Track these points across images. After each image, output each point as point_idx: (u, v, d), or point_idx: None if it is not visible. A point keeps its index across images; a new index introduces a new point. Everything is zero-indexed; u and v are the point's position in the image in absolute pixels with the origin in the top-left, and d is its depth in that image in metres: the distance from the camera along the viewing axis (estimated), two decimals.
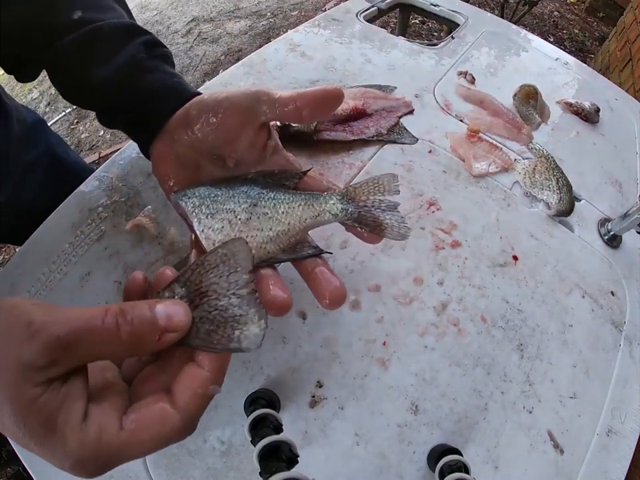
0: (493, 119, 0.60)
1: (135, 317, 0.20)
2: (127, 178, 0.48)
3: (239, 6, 2.68)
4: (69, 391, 0.20)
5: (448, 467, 0.32)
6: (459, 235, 0.47)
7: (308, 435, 0.36)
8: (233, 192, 0.29)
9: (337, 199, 0.30)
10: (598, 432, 0.39)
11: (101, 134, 1.96)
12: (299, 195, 0.30)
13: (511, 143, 0.58)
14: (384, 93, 0.59)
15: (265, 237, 0.28)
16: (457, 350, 0.41)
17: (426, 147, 0.55)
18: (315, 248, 0.29)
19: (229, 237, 0.28)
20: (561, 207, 0.51)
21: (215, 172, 0.32)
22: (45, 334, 0.18)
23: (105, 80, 0.33)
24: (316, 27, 0.70)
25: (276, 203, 0.29)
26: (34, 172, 0.55)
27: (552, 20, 2.72)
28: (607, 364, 0.43)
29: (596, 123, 0.64)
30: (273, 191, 0.30)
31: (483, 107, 0.61)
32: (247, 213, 0.28)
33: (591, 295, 0.47)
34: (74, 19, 0.34)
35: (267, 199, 0.29)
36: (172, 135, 0.32)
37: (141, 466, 0.34)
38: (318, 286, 0.28)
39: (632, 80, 1.61)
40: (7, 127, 0.49)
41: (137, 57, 0.34)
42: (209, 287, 0.23)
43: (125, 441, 0.20)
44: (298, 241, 0.29)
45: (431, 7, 0.80)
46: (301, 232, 0.29)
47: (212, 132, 0.30)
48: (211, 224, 0.28)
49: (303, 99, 0.29)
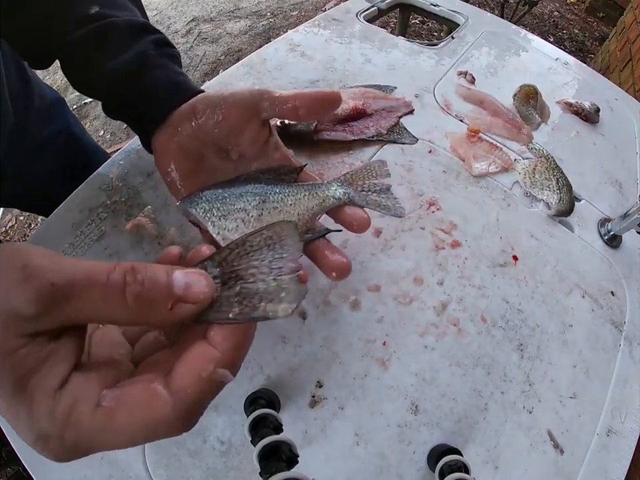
0: (493, 118, 0.60)
1: (146, 278, 0.18)
2: (127, 178, 0.48)
3: (239, 6, 2.68)
4: (55, 350, 0.17)
5: (448, 467, 0.32)
6: (459, 235, 0.47)
7: (308, 435, 0.36)
8: (240, 192, 0.30)
9: (337, 185, 0.33)
10: (598, 432, 0.39)
11: (101, 134, 1.96)
12: (302, 186, 0.32)
13: (511, 143, 0.58)
14: (384, 93, 0.59)
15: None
16: (457, 350, 0.41)
17: (426, 147, 0.55)
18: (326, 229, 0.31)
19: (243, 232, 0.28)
20: (561, 207, 0.51)
21: (218, 163, 0.34)
22: (39, 279, 0.16)
23: (114, 72, 0.35)
24: (316, 27, 0.70)
25: (283, 196, 0.31)
26: (50, 147, 0.56)
27: (552, 20, 2.72)
28: (607, 364, 0.43)
29: (596, 123, 0.64)
30: (278, 186, 0.31)
31: (483, 107, 0.61)
32: (258, 209, 0.30)
33: (591, 295, 0.47)
34: (90, 14, 0.36)
35: (274, 193, 0.31)
36: (176, 127, 0.33)
37: (140, 465, 0.34)
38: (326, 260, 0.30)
39: (632, 80, 1.61)
40: (28, 100, 0.50)
41: (146, 52, 0.35)
42: (246, 271, 0.21)
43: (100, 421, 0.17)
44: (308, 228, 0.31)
45: (431, 7, 0.80)
46: (310, 220, 0.31)
47: (217, 125, 0.32)
48: (225, 225, 0.29)
49: (302, 99, 0.31)
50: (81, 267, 0.17)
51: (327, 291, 0.42)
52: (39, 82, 0.55)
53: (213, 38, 2.42)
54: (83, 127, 0.67)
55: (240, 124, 0.32)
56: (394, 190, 0.36)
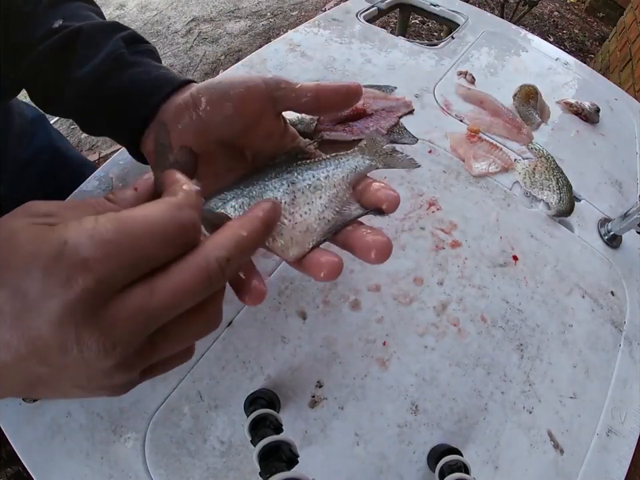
0: (493, 119, 0.60)
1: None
2: (127, 178, 0.48)
3: (239, 6, 2.68)
4: None
5: (448, 467, 0.32)
6: (459, 235, 0.47)
7: (308, 435, 0.36)
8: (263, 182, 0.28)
9: (359, 154, 0.31)
10: (598, 432, 0.40)
11: None
12: (326, 160, 0.29)
13: (511, 143, 0.58)
14: (384, 93, 0.59)
15: (319, 205, 0.27)
16: (457, 350, 0.41)
17: (426, 147, 0.55)
18: (363, 208, 0.28)
19: (282, 222, 0.26)
20: (561, 207, 0.51)
21: (230, 164, 0.30)
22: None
23: (84, 80, 0.31)
24: (316, 27, 0.70)
25: (313, 173, 0.28)
26: (34, 164, 0.56)
27: (552, 20, 2.72)
28: (607, 364, 0.43)
29: (596, 123, 0.64)
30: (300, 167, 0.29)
31: (482, 107, 0.61)
32: (290, 194, 0.27)
33: (591, 295, 0.47)
34: (54, 27, 0.33)
35: (301, 172, 0.28)
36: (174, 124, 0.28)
37: (140, 466, 0.34)
38: (364, 241, 0.26)
39: (632, 80, 1.61)
40: (7, 119, 0.49)
41: (117, 52, 0.32)
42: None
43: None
44: (345, 202, 0.28)
45: (431, 7, 0.80)
46: (348, 190, 0.29)
47: (227, 120, 0.27)
48: None
49: (324, 92, 0.28)
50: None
51: (327, 291, 0.42)
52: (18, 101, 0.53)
53: (213, 38, 2.42)
54: (68, 142, 0.66)
55: (253, 119, 0.27)
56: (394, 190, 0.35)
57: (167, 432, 0.35)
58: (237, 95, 0.27)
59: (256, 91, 0.27)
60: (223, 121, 0.27)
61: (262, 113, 0.28)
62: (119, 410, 0.36)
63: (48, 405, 0.37)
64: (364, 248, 0.25)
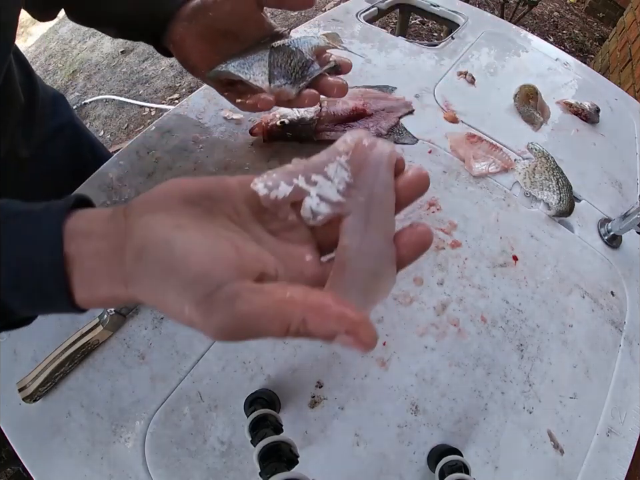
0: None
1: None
2: (127, 178, 0.48)
3: None
4: None
5: (448, 467, 0.32)
6: (459, 235, 0.47)
7: (308, 435, 0.36)
8: (253, 50, 0.39)
9: (322, 38, 0.44)
10: (598, 432, 0.39)
11: (101, 134, 1.96)
12: (296, 39, 0.41)
13: (511, 143, 0.58)
14: (384, 93, 0.59)
15: (294, 62, 0.39)
16: (457, 350, 0.41)
17: (426, 147, 0.55)
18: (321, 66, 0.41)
19: (269, 74, 0.38)
20: (561, 207, 0.51)
21: (229, 45, 0.40)
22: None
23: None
24: (316, 27, 0.70)
25: (289, 41, 0.40)
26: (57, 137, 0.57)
27: (552, 20, 2.72)
28: (607, 364, 0.43)
29: (596, 123, 0.64)
30: (279, 41, 0.40)
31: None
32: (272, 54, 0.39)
33: (591, 295, 0.47)
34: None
35: (281, 44, 0.40)
36: (190, 20, 0.40)
37: (140, 466, 0.34)
38: (328, 84, 0.40)
39: (632, 80, 1.61)
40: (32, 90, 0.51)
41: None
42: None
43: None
44: (310, 61, 0.40)
45: (431, 8, 0.80)
46: (312, 55, 0.40)
47: (227, 14, 0.39)
48: (253, 72, 0.38)
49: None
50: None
51: None
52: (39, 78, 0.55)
53: None
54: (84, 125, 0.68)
55: (246, 13, 0.39)
56: None
57: (167, 432, 0.36)
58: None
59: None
60: (223, 16, 0.39)
61: (250, 11, 0.40)
62: (119, 410, 0.36)
63: (48, 404, 0.37)
64: (327, 86, 0.40)
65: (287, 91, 0.38)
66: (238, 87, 0.41)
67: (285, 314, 0.18)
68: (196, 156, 0.51)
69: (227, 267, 0.19)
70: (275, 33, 0.42)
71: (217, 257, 0.19)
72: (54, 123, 0.56)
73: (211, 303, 0.18)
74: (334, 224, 0.23)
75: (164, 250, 0.19)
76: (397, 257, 0.24)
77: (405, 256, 0.24)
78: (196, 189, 0.21)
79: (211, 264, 0.19)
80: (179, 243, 0.19)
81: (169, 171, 0.49)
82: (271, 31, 0.42)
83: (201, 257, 0.19)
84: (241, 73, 0.38)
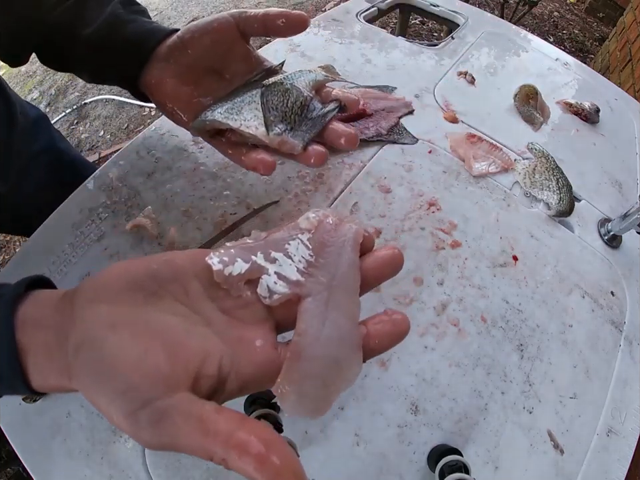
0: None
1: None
2: (127, 178, 0.48)
3: (239, 6, 2.68)
4: None
5: (448, 467, 0.32)
6: (459, 235, 0.47)
7: (308, 435, 0.36)
8: (242, 92, 0.34)
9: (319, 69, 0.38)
10: (598, 432, 0.39)
11: (101, 134, 1.96)
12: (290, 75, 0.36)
13: (511, 143, 0.58)
14: (384, 93, 0.59)
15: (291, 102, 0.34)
16: (456, 350, 0.41)
17: (426, 147, 0.55)
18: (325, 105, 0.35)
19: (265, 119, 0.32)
20: (561, 207, 0.51)
21: (213, 85, 0.36)
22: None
23: (91, 37, 0.38)
24: (316, 27, 0.70)
25: (282, 79, 0.35)
26: (36, 166, 0.56)
27: (552, 20, 2.72)
28: (607, 364, 0.43)
29: (596, 123, 0.64)
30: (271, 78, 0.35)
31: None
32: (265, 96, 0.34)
33: (591, 295, 0.47)
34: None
35: (273, 82, 0.35)
36: (167, 61, 0.36)
37: (140, 466, 0.34)
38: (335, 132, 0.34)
39: (632, 80, 1.61)
40: (10, 118, 0.50)
41: (115, 12, 0.38)
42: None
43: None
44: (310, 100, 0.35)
45: (431, 8, 0.80)
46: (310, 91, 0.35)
47: (206, 50, 0.35)
48: (243, 117, 0.33)
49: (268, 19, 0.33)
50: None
51: None
52: (20, 101, 0.54)
53: None
54: (69, 143, 0.66)
55: (229, 45, 0.35)
56: (394, 190, 0.36)
57: None
58: (212, 29, 0.34)
59: (226, 24, 0.34)
60: (204, 51, 0.35)
61: (233, 42, 0.35)
62: None
63: (48, 404, 0.37)
64: (334, 134, 0.34)
65: (291, 144, 0.32)
66: (229, 136, 0.34)
67: (207, 450, 0.18)
68: (196, 156, 0.51)
69: (155, 381, 0.19)
70: (265, 69, 0.37)
71: (145, 371, 0.19)
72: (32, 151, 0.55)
73: (137, 419, 0.18)
74: (294, 303, 0.22)
75: (96, 352, 0.19)
76: (367, 347, 0.22)
77: (376, 347, 0.23)
78: (142, 272, 0.21)
79: (138, 378, 0.18)
80: (108, 347, 0.19)
81: (168, 171, 0.49)
82: (261, 65, 0.37)
83: (128, 368, 0.18)
84: (230, 120, 0.33)
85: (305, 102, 0.33)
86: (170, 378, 0.19)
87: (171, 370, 0.19)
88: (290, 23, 0.33)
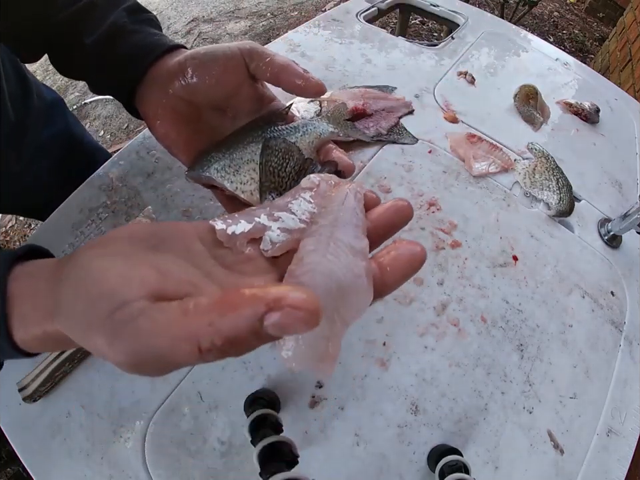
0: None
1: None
2: (127, 178, 0.48)
3: (239, 6, 2.68)
4: None
5: (448, 467, 0.32)
6: (459, 235, 0.47)
7: (308, 435, 0.36)
8: (242, 145, 0.32)
9: (325, 122, 0.36)
10: (598, 432, 0.39)
11: (101, 134, 1.96)
12: (295, 127, 0.33)
13: (511, 143, 0.58)
14: (384, 93, 0.59)
15: (290, 167, 0.32)
16: (457, 350, 0.41)
17: (426, 147, 0.55)
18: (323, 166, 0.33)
19: (260, 185, 0.31)
20: (561, 207, 0.51)
21: (215, 121, 0.34)
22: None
23: (91, 47, 0.36)
24: (316, 27, 0.70)
25: (286, 135, 0.33)
26: (51, 148, 0.56)
27: (552, 20, 2.72)
28: (607, 364, 0.43)
29: (596, 123, 0.64)
30: (274, 132, 0.33)
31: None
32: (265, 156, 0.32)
33: (591, 295, 0.47)
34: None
35: (274, 138, 0.33)
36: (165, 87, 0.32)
37: (140, 466, 0.34)
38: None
39: (632, 80, 1.61)
40: (26, 100, 0.50)
41: (119, 22, 0.36)
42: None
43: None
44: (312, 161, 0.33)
45: (431, 8, 0.80)
46: (312, 153, 0.33)
47: (210, 88, 0.32)
48: (240, 179, 0.31)
49: (285, 75, 0.31)
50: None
51: None
52: (37, 82, 0.54)
53: (213, 38, 2.42)
54: (83, 127, 0.67)
55: (233, 87, 0.32)
56: (394, 190, 0.36)
57: (166, 432, 0.35)
58: (218, 68, 0.31)
59: (234, 63, 0.31)
60: (207, 89, 0.31)
61: (240, 82, 0.32)
62: (119, 410, 0.36)
63: (48, 404, 0.37)
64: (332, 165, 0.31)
65: None
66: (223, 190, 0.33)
67: (191, 332, 0.16)
68: None
69: (137, 285, 0.17)
70: (270, 112, 0.35)
71: (129, 277, 0.18)
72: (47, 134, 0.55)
73: (113, 323, 0.17)
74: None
75: (80, 273, 0.18)
76: (380, 280, 0.21)
77: (390, 277, 0.21)
78: (144, 231, 0.20)
79: (120, 282, 0.17)
80: (95, 265, 0.18)
81: (168, 170, 0.49)
82: (268, 104, 0.35)
83: (112, 276, 0.18)
84: (226, 181, 0.31)
85: (304, 166, 0.32)
86: (156, 286, 0.18)
87: (159, 281, 0.18)
88: (307, 88, 0.31)
